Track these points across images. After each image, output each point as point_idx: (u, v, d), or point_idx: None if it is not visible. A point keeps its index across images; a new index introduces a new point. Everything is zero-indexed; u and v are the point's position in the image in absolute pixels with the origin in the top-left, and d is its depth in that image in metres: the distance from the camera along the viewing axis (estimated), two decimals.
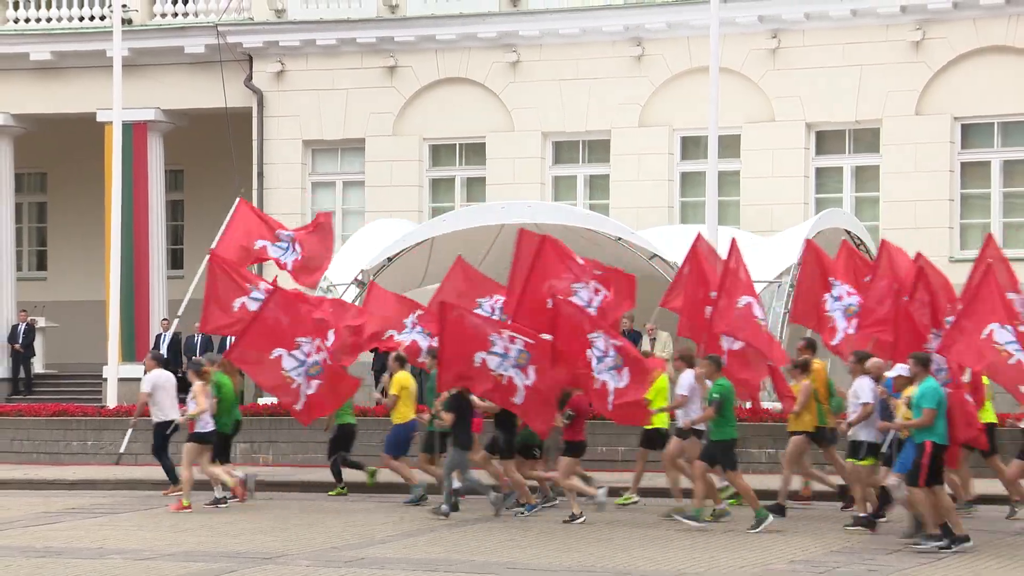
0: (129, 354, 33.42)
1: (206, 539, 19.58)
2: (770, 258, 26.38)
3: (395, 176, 33.87)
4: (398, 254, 27.98)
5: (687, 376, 21.12)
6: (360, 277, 27.92)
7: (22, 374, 36.71)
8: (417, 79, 34.09)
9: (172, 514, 21.92)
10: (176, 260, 37.36)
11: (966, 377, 19.49)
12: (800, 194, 32.26)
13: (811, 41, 32.06)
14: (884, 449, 18.88)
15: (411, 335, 24.30)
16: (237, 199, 27.15)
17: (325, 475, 24.84)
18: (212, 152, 36.87)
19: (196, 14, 35.91)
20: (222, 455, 23.35)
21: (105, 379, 31.90)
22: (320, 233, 26.62)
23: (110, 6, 33.35)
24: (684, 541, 18.68)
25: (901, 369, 18.70)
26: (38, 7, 36.61)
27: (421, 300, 26.68)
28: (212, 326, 25.40)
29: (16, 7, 36.68)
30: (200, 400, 21.82)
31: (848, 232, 28.50)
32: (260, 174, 35.23)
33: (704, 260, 22.73)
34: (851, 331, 22.27)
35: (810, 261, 23.27)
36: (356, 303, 26.82)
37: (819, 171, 32.79)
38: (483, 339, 21.06)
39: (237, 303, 23.76)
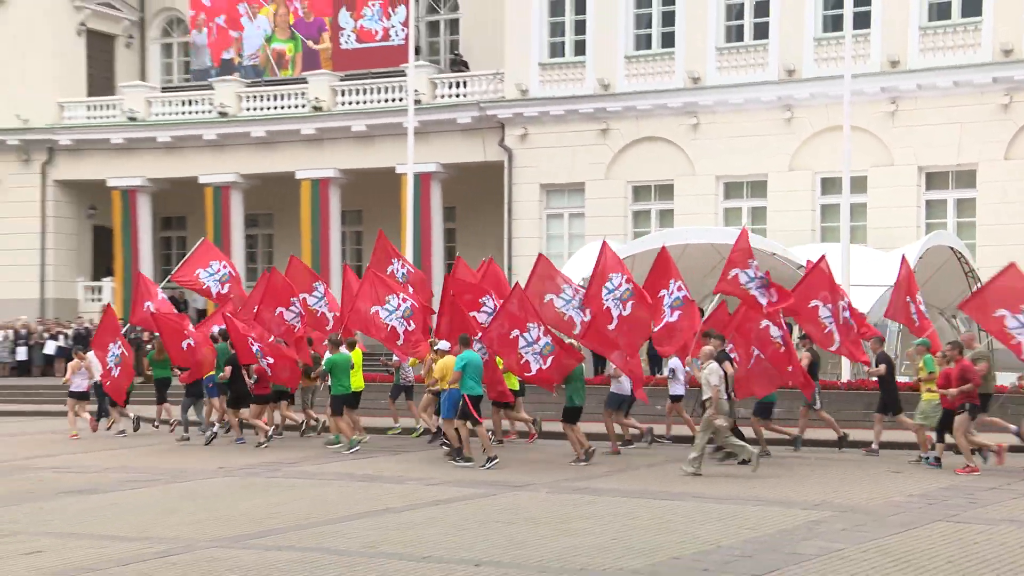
0: None
1: (472, 475, 19.16)
2: (889, 268, 25.15)
3: (606, 209, 33.95)
4: None
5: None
6: (581, 283, 27.25)
7: None
8: (623, 137, 34.27)
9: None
10: (448, 268, 37.18)
11: None
12: (913, 220, 31.65)
13: (922, 105, 31.47)
14: None
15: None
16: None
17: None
18: (476, 193, 37.54)
19: (464, 95, 36.68)
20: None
21: None
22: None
23: (405, 91, 33.93)
24: (819, 479, 18.00)
25: None
26: (356, 93, 36.90)
27: None
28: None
29: (342, 93, 36.97)
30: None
31: (952, 249, 28.03)
32: (510, 209, 35.73)
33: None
34: None
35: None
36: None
37: (928, 203, 32.14)
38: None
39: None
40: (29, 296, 40.13)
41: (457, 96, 36.44)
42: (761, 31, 33.04)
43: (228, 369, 22.98)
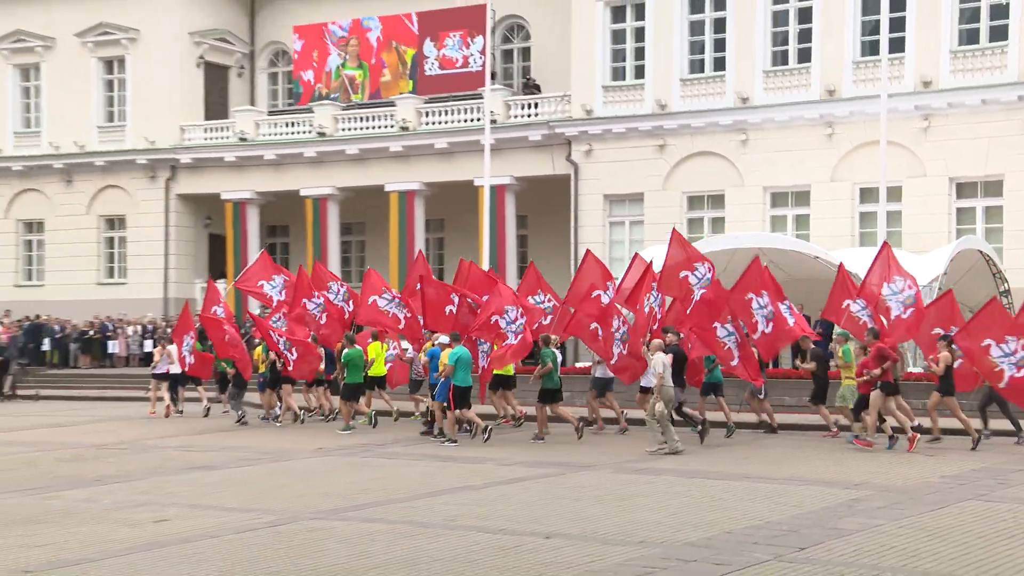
0: None
1: (542, 456, 19.38)
2: (923, 270, 24.89)
3: (663, 217, 33.65)
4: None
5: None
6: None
7: None
8: (678, 152, 34.14)
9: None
10: (521, 271, 37.15)
11: None
12: (944, 226, 31.06)
13: (952, 121, 30.90)
14: None
15: None
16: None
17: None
18: (545, 203, 37.28)
19: (535, 115, 36.51)
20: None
21: None
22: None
23: (482, 112, 33.96)
24: (858, 461, 17.80)
25: None
26: (439, 114, 37.06)
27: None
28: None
29: (426, 114, 37.16)
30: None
31: (980, 252, 27.40)
32: (576, 217, 35.47)
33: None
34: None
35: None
36: None
37: (958, 210, 31.58)
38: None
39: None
40: (154, 296, 40.69)
41: (528, 116, 36.32)
42: (804, 55, 32.67)
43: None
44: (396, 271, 36.11)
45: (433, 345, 22.00)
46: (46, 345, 38.68)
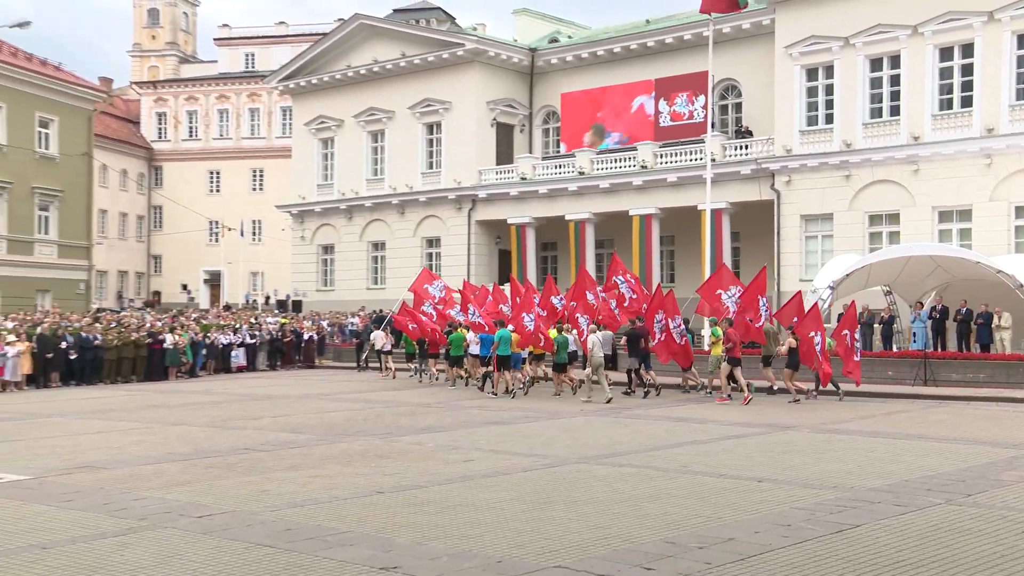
0: None
1: (754, 417, 18.60)
2: None
3: (849, 232, 32.58)
4: (850, 273, 26.27)
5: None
6: (832, 285, 26.31)
7: None
8: (861, 180, 32.86)
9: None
10: (736, 276, 36.49)
11: None
12: None
13: None
14: None
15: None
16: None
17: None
18: (753, 223, 36.32)
19: (746, 154, 35.67)
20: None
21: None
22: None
23: (704, 153, 33.50)
24: (1020, 424, 16.39)
25: None
26: (670, 155, 36.80)
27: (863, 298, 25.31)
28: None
29: (661, 156, 36.85)
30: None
31: None
32: (778, 233, 34.45)
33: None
34: None
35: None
36: (825, 303, 25.98)
37: None
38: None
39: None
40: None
41: (740, 155, 35.49)
42: (967, 101, 30.71)
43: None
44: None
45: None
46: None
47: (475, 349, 25.17)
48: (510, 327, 23.92)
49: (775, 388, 22.82)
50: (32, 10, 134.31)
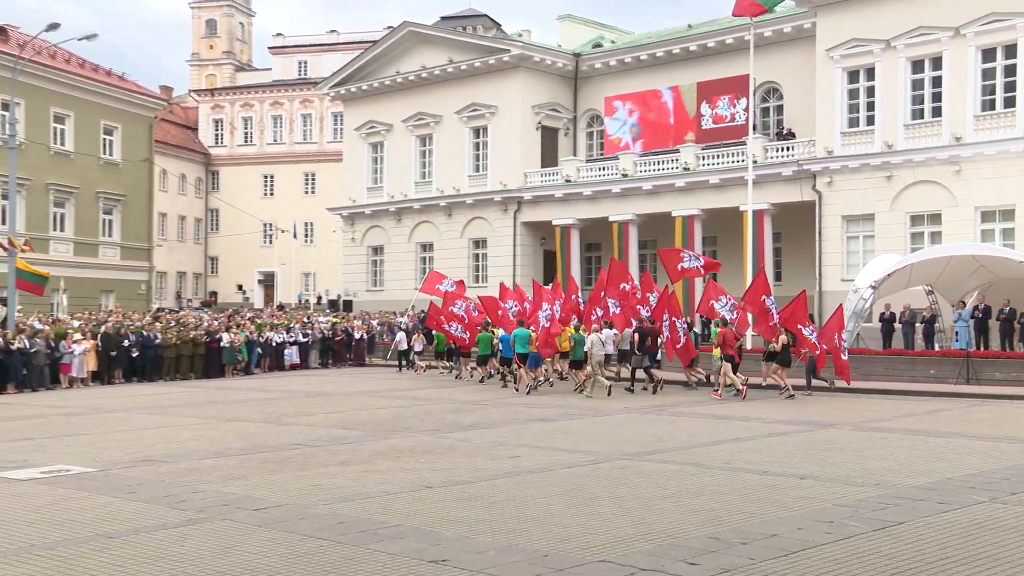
0: None
1: (794, 415, 18.29)
2: None
3: (890, 232, 31.99)
4: (892, 272, 26.03)
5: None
6: (874, 284, 25.98)
7: None
8: (902, 181, 32.27)
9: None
10: (777, 276, 36.10)
11: None
12: None
13: None
14: None
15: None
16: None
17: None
18: (795, 223, 35.80)
19: (787, 156, 35.20)
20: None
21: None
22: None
23: (746, 155, 33.26)
24: None
25: None
26: (713, 157, 36.43)
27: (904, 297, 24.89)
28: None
29: (703, 158, 36.52)
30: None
31: None
32: (820, 233, 33.89)
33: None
34: None
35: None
36: (866, 302, 25.88)
37: None
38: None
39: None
40: None
41: (781, 157, 35.06)
42: (1010, 102, 30.00)
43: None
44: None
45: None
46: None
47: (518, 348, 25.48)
48: (531, 328, 24.68)
49: (763, 384, 23.48)
50: (98, 23, 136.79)
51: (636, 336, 23.64)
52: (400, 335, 33.25)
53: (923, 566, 7.10)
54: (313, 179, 68.65)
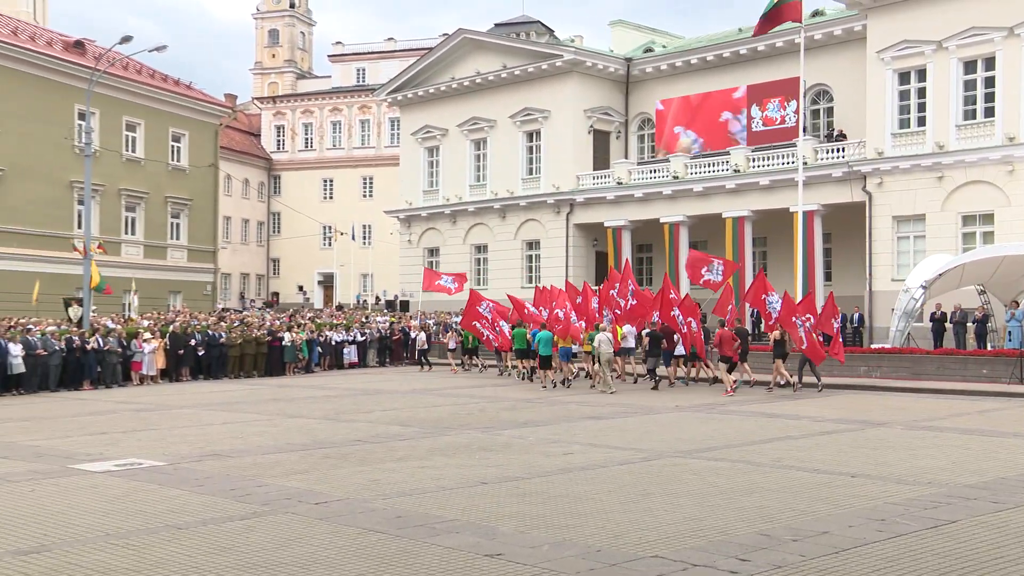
0: None
1: (845, 414, 18.03)
2: None
3: (941, 232, 31.30)
4: (943, 272, 25.48)
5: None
6: (924, 284, 25.48)
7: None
8: (953, 182, 31.56)
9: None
10: (827, 276, 35.48)
11: None
12: None
13: None
14: None
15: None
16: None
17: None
18: (845, 224, 35.31)
19: (838, 157, 34.53)
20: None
21: None
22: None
23: (796, 156, 33.03)
24: None
25: None
26: (763, 159, 35.99)
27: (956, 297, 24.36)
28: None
29: (753, 160, 36.12)
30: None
31: None
32: (870, 234, 33.20)
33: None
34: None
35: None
36: (916, 302, 25.60)
37: None
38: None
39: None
40: None
41: (832, 158, 34.51)
42: None
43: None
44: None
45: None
46: None
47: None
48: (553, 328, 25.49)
49: (773, 384, 23.43)
50: (167, 35, 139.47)
51: (648, 340, 24.73)
52: (420, 335, 33.75)
53: (977, 565, 6.96)
54: (371, 183, 69.30)
